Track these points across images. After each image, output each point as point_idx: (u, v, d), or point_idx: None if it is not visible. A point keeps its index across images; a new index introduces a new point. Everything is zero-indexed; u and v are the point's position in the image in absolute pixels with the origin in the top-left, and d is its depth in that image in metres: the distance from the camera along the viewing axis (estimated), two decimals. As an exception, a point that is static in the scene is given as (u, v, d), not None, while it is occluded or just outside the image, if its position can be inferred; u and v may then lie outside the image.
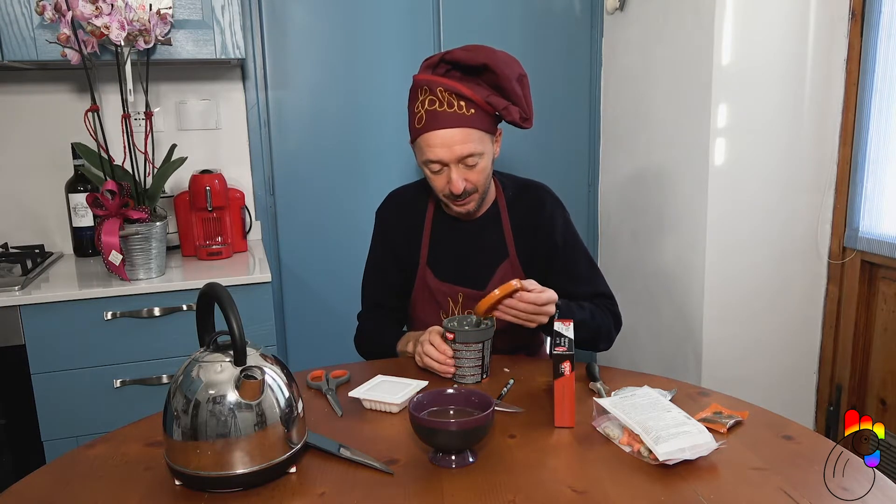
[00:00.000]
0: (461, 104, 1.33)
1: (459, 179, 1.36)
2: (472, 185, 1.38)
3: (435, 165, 1.37)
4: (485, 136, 1.37)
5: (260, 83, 2.26)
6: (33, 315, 1.64)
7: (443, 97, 1.34)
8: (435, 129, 1.34)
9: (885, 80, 1.85)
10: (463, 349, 1.25)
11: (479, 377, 1.27)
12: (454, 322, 1.29)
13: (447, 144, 1.33)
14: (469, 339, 1.24)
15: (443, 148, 1.34)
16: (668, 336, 2.21)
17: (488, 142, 1.39)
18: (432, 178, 1.40)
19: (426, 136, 1.35)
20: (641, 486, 0.91)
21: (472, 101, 1.33)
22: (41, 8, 1.61)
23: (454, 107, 1.33)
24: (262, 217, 2.32)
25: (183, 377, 0.92)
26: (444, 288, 1.48)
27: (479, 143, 1.35)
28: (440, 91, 1.34)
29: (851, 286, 2.01)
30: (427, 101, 1.36)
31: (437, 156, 1.35)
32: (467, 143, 1.33)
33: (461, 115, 1.33)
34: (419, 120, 1.37)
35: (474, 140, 1.34)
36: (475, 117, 1.34)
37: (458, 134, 1.33)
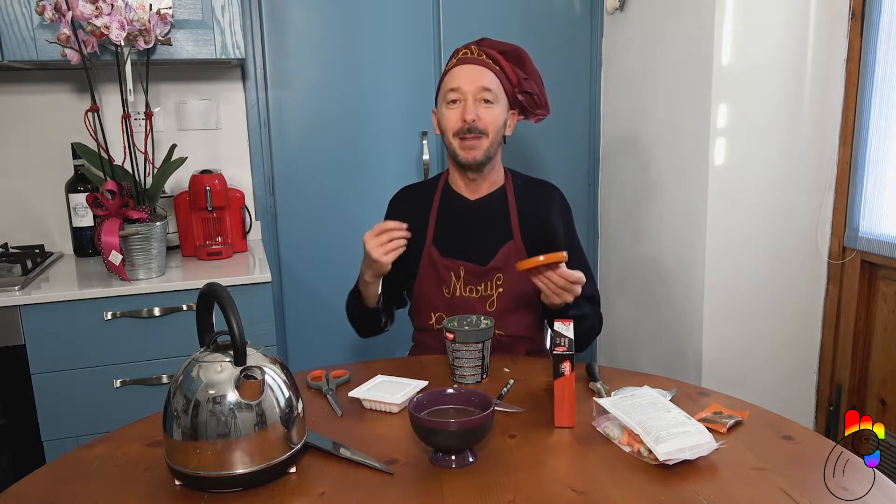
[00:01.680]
0: (489, 60, 1.49)
1: (472, 109, 1.45)
2: (483, 125, 1.46)
3: (453, 94, 1.47)
4: (502, 92, 1.50)
5: (260, 83, 2.26)
6: (33, 315, 1.64)
7: (474, 51, 1.51)
8: (462, 64, 1.49)
9: (885, 80, 1.85)
10: (463, 349, 1.25)
11: (480, 377, 1.27)
12: (454, 322, 1.30)
13: (469, 76, 1.46)
14: (469, 339, 1.25)
15: (465, 79, 1.46)
16: (668, 336, 2.21)
17: (504, 100, 1.51)
18: (447, 116, 1.49)
19: (452, 72, 1.49)
20: (641, 486, 0.91)
21: (498, 62, 1.50)
22: (41, 8, 1.61)
23: (482, 57, 1.49)
24: (262, 217, 2.32)
25: (183, 377, 0.92)
26: (446, 262, 1.51)
27: (497, 89, 1.48)
28: (474, 47, 1.52)
29: (851, 286, 2.01)
30: (460, 53, 1.52)
31: (457, 83, 1.46)
32: (488, 80, 1.47)
33: (488, 63, 1.49)
34: (449, 66, 1.52)
35: (494, 84, 1.47)
36: (499, 73, 1.50)
37: (481, 72, 1.47)
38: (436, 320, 1.53)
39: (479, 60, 1.49)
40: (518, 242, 1.51)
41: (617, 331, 2.51)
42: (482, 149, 1.47)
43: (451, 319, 1.31)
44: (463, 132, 1.46)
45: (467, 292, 1.51)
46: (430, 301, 1.53)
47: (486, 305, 1.50)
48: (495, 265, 1.49)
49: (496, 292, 1.50)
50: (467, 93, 1.46)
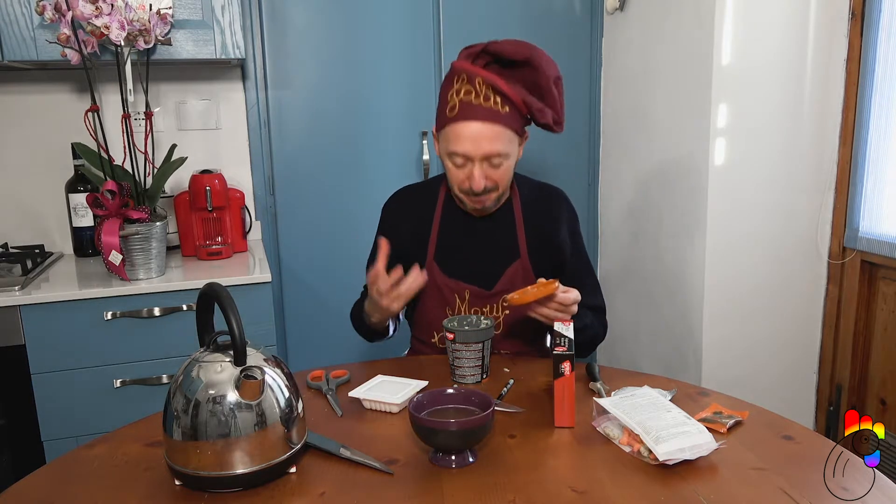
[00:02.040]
0: (498, 100, 1.30)
1: (481, 177, 1.33)
2: (492, 184, 1.36)
3: (459, 159, 1.34)
4: (514, 138, 1.35)
5: (260, 83, 2.26)
6: (33, 315, 1.64)
7: (480, 89, 1.30)
8: (468, 120, 1.30)
9: (885, 80, 1.85)
10: (463, 349, 1.25)
11: (480, 377, 1.27)
12: (454, 322, 1.29)
13: (476, 139, 1.30)
14: (469, 340, 1.24)
15: (471, 142, 1.31)
16: (668, 336, 2.21)
17: (516, 143, 1.37)
18: (453, 171, 1.37)
19: (456, 127, 1.32)
20: (641, 486, 0.91)
21: (509, 98, 1.30)
22: (41, 8, 1.61)
23: (490, 101, 1.30)
24: (262, 217, 2.32)
25: (183, 377, 0.92)
26: (451, 284, 1.45)
27: (507, 143, 1.33)
28: (479, 82, 1.30)
29: (851, 286, 2.01)
30: (463, 90, 1.31)
31: (464, 149, 1.32)
32: (497, 141, 1.31)
33: (496, 112, 1.30)
34: (452, 108, 1.32)
35: (504, 140, 1.32)
36: (509, 116, 1.31)
37: (489, 130, 1.30)
38: (438, 339, 1.49)
39: (485, 111, 1.29)
40: (525, 261, 1.45)
41: (617, 331, 2.51)
42: (491, 199, 1.39)
43: (451, 319, 1.30)
44: (470, 193, 1.36)
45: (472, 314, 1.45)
46: (433, 321, 1.47)
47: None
48: (501, 288, 1.43)
49: (502, 314, 1.44)
50: (474, 157, 1.32)
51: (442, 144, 1.38)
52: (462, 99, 1.31)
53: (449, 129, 1.33)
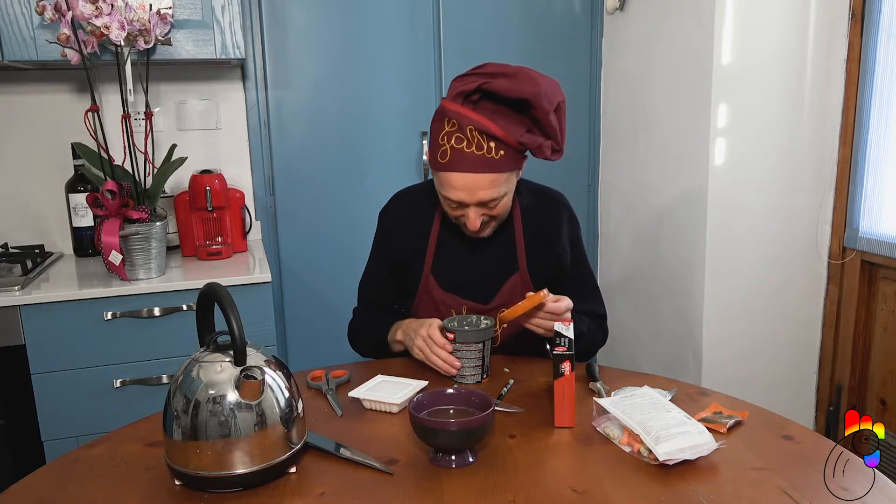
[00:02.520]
0: (491, 146, 1.22)
1: (477, 218, 1.29)
2: (488, 218, 1.33)
3: (453, 203, 1.30)
4: (510, 179, 1.30)
5: (260, 83, 2.26)
6: (33, 315, 1.64)
7: (472, 136, 1.22)
8: (460, 171, 1.24)
9: (885, 80, 1.85)
10: (463, 349, 1.25)
11: (480, 377, 1.27)
12: (454, 322, 1.29)
13: (470, 189, 1.25)
14: (469, 340, 1.24)
15: (466, 192, 1.26)
16: (668, 336, 2.21)
17: (513, 179, 1.32)
18: (447, 209, 1.34)
19: (448, 176, 1.26)
20: (641, 486, 0.91)
21: (503, 142, 1.23)
22: (41, 8, 1.61)
23: (483, 149, 1.22)
24: (262, 217, 2.32)
25: (183, 377, 0.92)
26: (447, 299, 1.42)
27: (504, 184, 1.28)
28: (470, 130, 1.22)
29: (851, 286, 2.01)
30: (454, 137, 1.24)
31: (458, 197, 1.27)
32: (492, 189, 1.26)
33: (489, 160, 1.23)
34: (443, 154, 1.25)
35: (500, 184, 1.26)
36: (504, 159, 1.24)
37: (483, 179, 1.24)
38: None
39: (479, 160, 1.22)
40: (524, 273, 1.42)
41: (617, 331, 2.51)
42: (489, 228, 1.36)
43: (452, 319, 1.30)
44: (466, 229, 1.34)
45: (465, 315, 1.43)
46: None
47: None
48: (499, 302, 1.40)
49: (500, 328, 1.40)
50: (470, 204, 1.28)
51: (436, 185, 1.33)
52: (453, 146, 1.24)
53: (442, 176, 1.28)
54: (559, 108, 1.26)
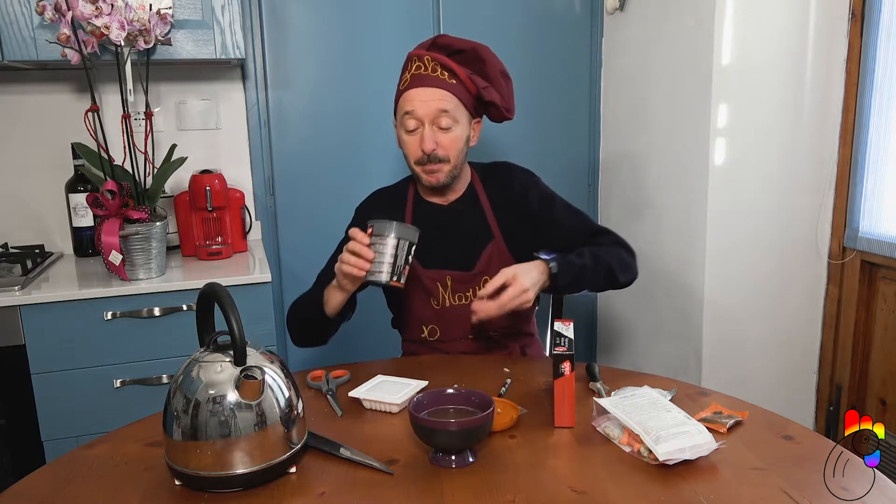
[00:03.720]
0: (444, 73, 1.41)
1: (431, 138, 1.40)
2: (443, 153, 1.42)
3: (410, 122, 1.41)
4: (461, 108, 1.43)
5: (260, 83, 2.26)
6: (33, 315, 1.64)
7: (428, 64, 1.42)
8: (416, 86, 1.41)
9: (885, 80, 1.85)
10: (377, 242, 1.23)
11: (388, 277, 1.25)
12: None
13: (425, 100, 1.40)
14: (384, 232, 1.22)
15: (420, 102, 1.40)
16: (668, 336, 2.21)
17: (465, 115, 1.44)
18: (407, 142, 1.44)
19: (408, 93, 1.42)
20: (641, 486, 0.91)
21: (454, 72, 1.41)
22: (41, 8, 1.61)
23: (437, 72, 1.41)
24: (262, 217, 2.32)
25: (183, 377, 0.92)
26: (430, 274, 1.48)
27: (455, 108, 1.41)
28: (427, 59, 1.43)
29: (851, 286, 2.01)
30: (414, 67, 1.44)
31: (413, 107, 1.40)
32: (444, 101, 1.40)
33: (443, 80, 1.41)
34: (404, 83, 1.45)
35: (451, 103, 1.41)
36: (456, 87, 1.42)
37: (437, 93, 1.40)
38: (428, 332, 1.50)
39: (433, 79, 1.41)
40: (499, 240, 1.49)
41: (617, 331, 2.52)
42: (444, 172, 1.44)
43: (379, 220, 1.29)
44: (423, 161, 1.43)
45: (456, 300, 1.47)
46: (420, 315, 1.50)
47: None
48: (481, 269, 1.47)
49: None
50: (423, 118, 1.40)
51: (397, 121, 1.47)
52: (413, 73, 1.43)
53: (401, 99, 1.44)
54: (506, 76, 1.48)
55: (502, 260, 1.46)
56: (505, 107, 1.46)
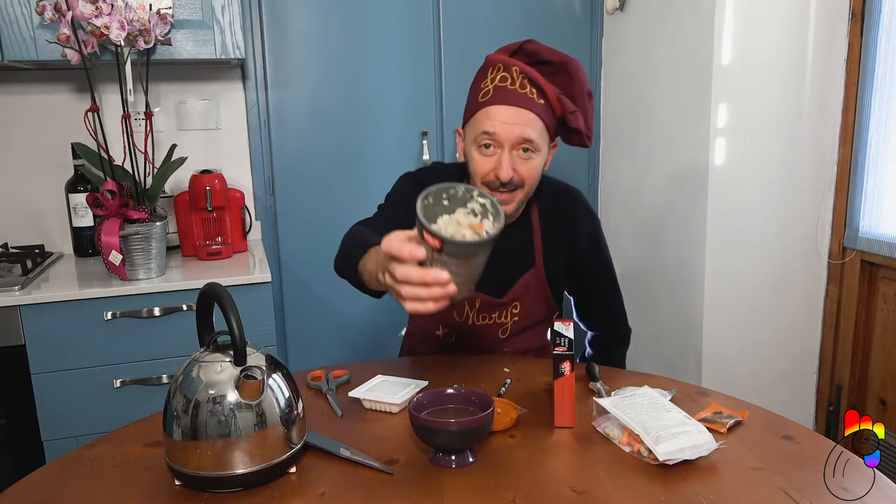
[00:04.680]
0: (533, 90, 1.25)
1: (509, 167, 1.24)
2: (519, 179, 1.27)
3: (487, 140, 1.26)
4: (545, 133, 1.28)
5: (260, 83, 2.26)
6: (33, 315, 1.64)
7: (516, 77, 1.26)
8: (502, 104, 1.25)
9: (885, 80, 1.85)
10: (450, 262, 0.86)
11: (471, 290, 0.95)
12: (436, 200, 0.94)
13: (509, 122, 1.24)
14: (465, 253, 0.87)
15: (504, 124, 1.24)
16: (668, 336, 2.21)
17: (546, 142, 1.30)
18: (478, 161, 1.28)
19: (489, 110, 1.25)
20: (641, 486, 0.91)
21: (544, 91, 1.26)
22: (41, 8, 1.61)
23: (526, 89, 1.25)
24: (262, 217, 2.32)
25: (183, 377, 0.92)
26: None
27: (539, 134, 1.26)
28: (515, 71, 1.26)
29: (851, 286, 2.01)
30: (499, 77, 1.27)
31: (494, 128, 1.24)
32: (529, 128, 1.24)
33: (531, 100, 1.25)
34: (485, 94, 1.27)
35: (537, 129, 1.26)
36: (543, 109, 1.26)
37: (523, 115, 1.24)
38: (443, 335, 1.47)
39: (520, 97, 1.24)
40: (539, 269, 1.40)
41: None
42: (515, 202, 1.30)
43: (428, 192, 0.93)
44: (495, 186, 1.27)
45: (480, 320, 1.42)
46: (440, 317, 1.44)
47: (498, 332, 1.43)
48: (513, 297, 1.40)
49: (511, 320, 1.42)
50: (504, 142, 1.24)
51: (469, 133, 1.30)
52: (497, 85, 1.26)
53: (480, 113, 1.27)
54: (590, 97, 1.31)
55: (539, 288, 1.41)
56: (587, 134, 1.31)
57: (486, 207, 0.95)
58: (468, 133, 1.31)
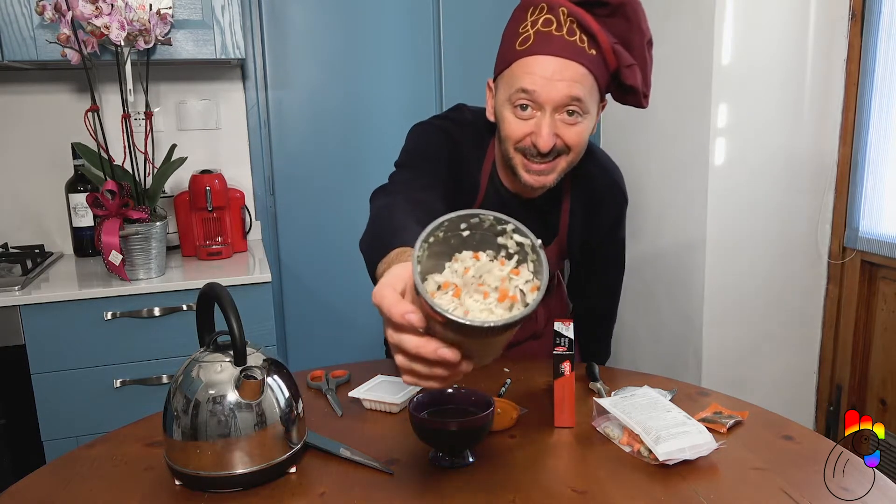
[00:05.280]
0: (583, 38, 1.02)
1: (550, 133, 1.04)
2: (561, 145, 1.06)
3: (524, 99, 1.04)
4: (595, 92, 1.06)
5: (260, 83, 2.26)
6: (33, 315, 1.64)
7: (563, 21, 1.02)
8: (544, 53, 1.02)
9: (885, 80, 1.85)
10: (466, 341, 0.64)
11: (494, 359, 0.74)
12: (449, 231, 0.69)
13: (552, 77, 1.01)
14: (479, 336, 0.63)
15: (545, 80, 1.02)
16: (668, 336, 2.21)
17: (595, 104, 1.08)
18: (511, 123, 1.07)
19: (528, 61, 1.03)
20: (641, 486, 0.91)
21: (596, 40, 1.03)
22: (41, 8, 1.61)
23: (575, 36, 1.02)
24: (262, 217, 2.32)
25: (183, 377, 0.92)
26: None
27: (589, 94, 1.04)
28: (563, 12, 1.02)
29: (851, 286, 2.01)
30: (542, 19, 1.03)
31: (534, 85, 1.02)
32: (577, 85, 1.02)
33: (580, 50, 1.02)
34: (524, 41, 1.03)
35: (586, 87, 1.03)
36: (595, 61, 1.03)
37: (570, 69, 1.02)
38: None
39: (568, 46, 1.01)
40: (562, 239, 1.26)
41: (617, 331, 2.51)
42: (557, 171, 1.09)
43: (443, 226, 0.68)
44: (531, 153, 1.07)
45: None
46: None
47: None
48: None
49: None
50: (546, 103, 1.03)
51: (502, 88, 1.08)
52: (539, 30, 1.03)
53: (517, 65, 1.04)
54: (650, 46, 1.10)
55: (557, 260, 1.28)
56: (645, 93, 1.11)
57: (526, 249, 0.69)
58: (501, 88, 1.09)
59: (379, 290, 0.65)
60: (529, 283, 0.67)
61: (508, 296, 0.65)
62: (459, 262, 0.69)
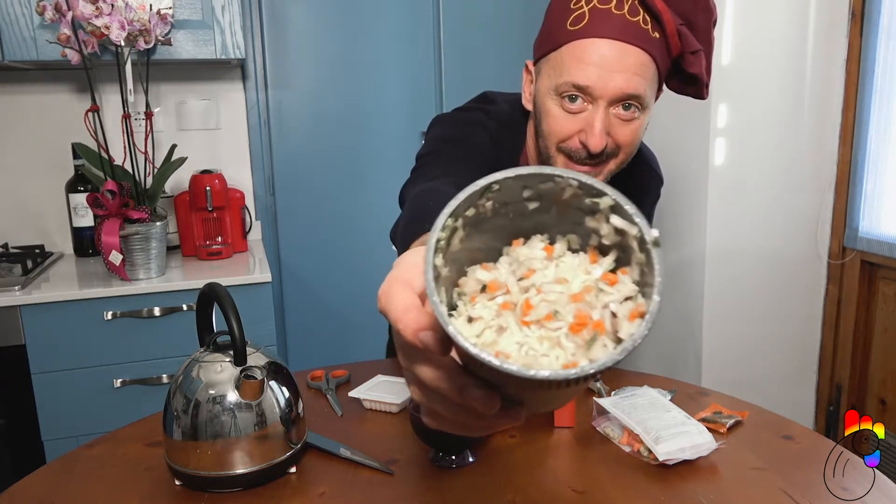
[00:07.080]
0: (647, 18, 0.88)
1: (603, 131, 0.90)
2: (613, 146, 0.93)
3: (573, 91, 0.90)
4: (655, 84, 0.94)
5: (260, 83, 2.26)
6: (33, 315, 1.64)
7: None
8: (602, 36, 0.87)
9: (885, 80, 1.85)
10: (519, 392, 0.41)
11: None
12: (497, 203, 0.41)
13: (610, 66, 0.87)
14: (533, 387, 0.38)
15: (602, 73, 0.87)
16: (668, 336, 2.21)
17: (653, 96, 0.97)
18: (556, 118, 0.93)
19: (582, 45, 0.88)
20: (641, 486, 0.91)
21: (660, 20, 0.88)
22: (41, 8, 1.61)
23: (638, 16, 0.87)
24: (262, 217, 2.32)
25: (183, 377, 0.92)
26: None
27: (650, 87, 0.92)
28: None
29: (851, 286, 2.01)
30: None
31: (588, 79, 0.88)
32: (638, 77, 0.89)
33: (644, 32, 0.87)
34: (577, 19, 0.88)
35: (647, 79, 0.90)
36: (658, 46, 0.89)
37: (632, 56, 0.87)
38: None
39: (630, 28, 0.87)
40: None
41: (617, 331, 2.51)
42: (603, 175, 0.96)
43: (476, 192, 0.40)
44: (579, 156, 0.94)
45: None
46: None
47: None
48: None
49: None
50: (601, 97, 0.89)
51: (547, 75, 0.94)
52: (597, 6, 0.87)
53: (567, 48, 0.89)
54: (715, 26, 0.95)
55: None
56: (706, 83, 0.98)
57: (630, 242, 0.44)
58: (545, 74, 0.95)
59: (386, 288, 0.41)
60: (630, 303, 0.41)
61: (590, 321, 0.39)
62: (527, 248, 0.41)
